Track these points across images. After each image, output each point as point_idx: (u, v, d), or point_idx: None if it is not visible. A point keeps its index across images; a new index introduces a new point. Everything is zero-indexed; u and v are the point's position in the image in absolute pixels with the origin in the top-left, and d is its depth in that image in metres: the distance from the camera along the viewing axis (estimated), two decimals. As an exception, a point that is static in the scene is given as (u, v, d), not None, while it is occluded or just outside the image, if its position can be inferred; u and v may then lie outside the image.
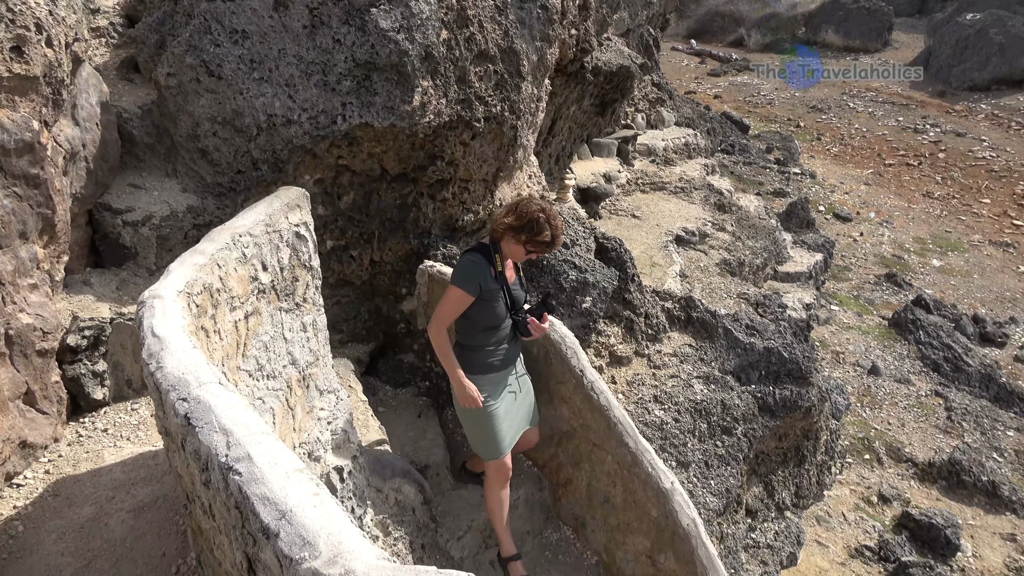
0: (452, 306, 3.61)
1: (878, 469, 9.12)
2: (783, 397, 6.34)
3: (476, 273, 3.57)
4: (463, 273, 3.57)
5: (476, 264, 3.57)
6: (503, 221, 3.55)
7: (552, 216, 3.54)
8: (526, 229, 3.51)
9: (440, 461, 5.05)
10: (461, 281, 3.57)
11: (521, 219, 3.51)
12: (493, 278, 3.62)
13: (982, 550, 8.25)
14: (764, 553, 6.19)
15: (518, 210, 3.54)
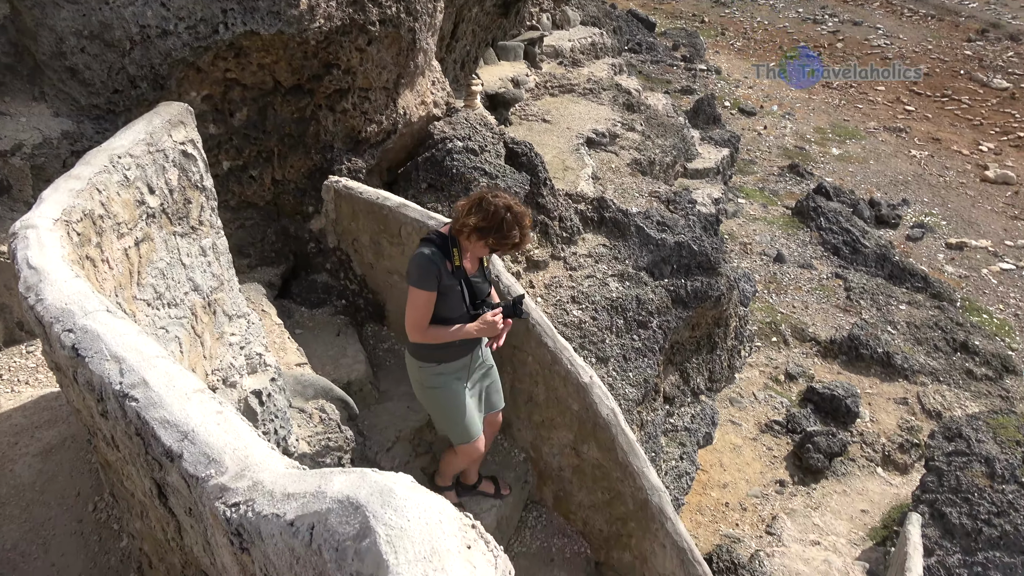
0: (421, 309, 3.34)
1: (784, 350, 9.68)
2: (694, 289, 6.56)
3: (431, 270, 3.28)
4: (419, 273, 3.28)
5: (430, 260, 3.28)
6: (467, 221, 3.23)
7: (520, 214, 3.24)
8: (494, 231, 3.20)
9: (363, 377, 5.04)
10: (419, 282, 3.29)
11: (487, 220, 3.19)
12: (450, 273, 3.33)
13: (878, 415, 8.97)
14: (682, 435, 6.54)
15: (483, 208, 3.20)
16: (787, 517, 7.56)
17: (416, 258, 3.30)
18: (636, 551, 4.44)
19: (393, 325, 5.46)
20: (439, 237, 3.37)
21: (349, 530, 1.10)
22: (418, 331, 3.37)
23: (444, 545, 1.04)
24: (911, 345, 9.89)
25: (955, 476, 6.85)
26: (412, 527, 1.06)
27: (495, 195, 3.25)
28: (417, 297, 3.30)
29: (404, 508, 1.09)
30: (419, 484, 1.19)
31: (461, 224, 3.25)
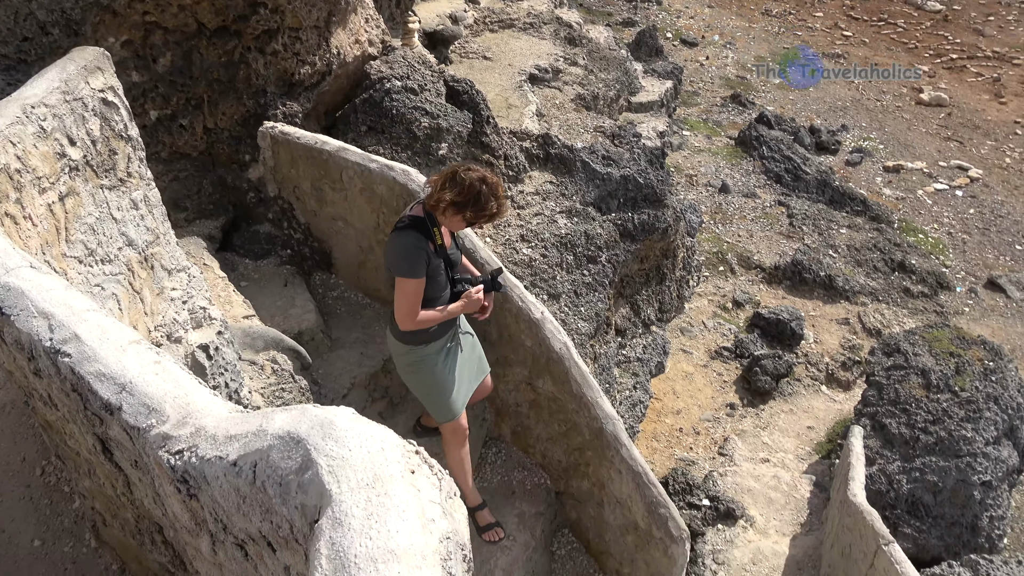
0: (412, 297, 3.27)
1: (731, 278, 9.90)
2: (641, 221, 6.60)
3: (420, 256, 3.22)
4: (407, 261, 3.21)
5: (417, 246, 3.21)
6: (443, 197, 3.16)
7: (494, 185, 3.21)
8: (471, 204, 3.16)
9: (314, 326, 4.98)
10: (407, 270, 3.22)
11: (463, 194, 3.14)
12: (434, 253, 3.29)
13: (821, 335, 9.30)
14: (635, 366, 6.68)
15: (457, 182, 3.15)
16: (738, 438, 7.85)
17: (401, 247, 3.20)
18: (594, 478, 4.56)
19: (341, 272, 5.39)
20: (414, 220, 3.27)
21: (291, 464, 1.10)
22: (411, 319, 3.30)
23: (387, 471, 1.05)
24: (851, 267, 10.20)
25: (894, 389, 7.17)
26: (354, 456, 1.06)
27: (467, 168, 3.20)
28: (407, 286, 3.22)
29: (345, 438, 1.09)
30: (361, 416, 1.19)
31: (436, 199, 3.17)
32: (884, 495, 6.59)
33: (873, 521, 5.22)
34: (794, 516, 6.94)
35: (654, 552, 4.30)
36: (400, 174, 4.63)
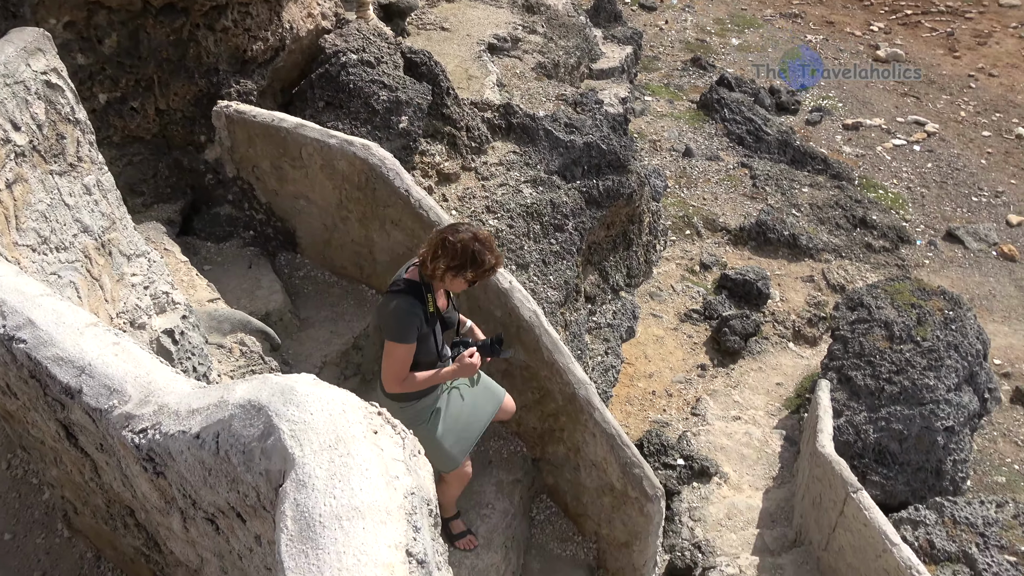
0: (401, 362, 3.21)
1: (698, 241, 9.99)
2: (606, 188, 6.62)
3: (413, 322, 3.16)
4: (399, 327, 3.14)
5: (411, 312, 3.15)
6: (437, 266, 3.10)
7: (486, 239, 3.17)
8: (468, 265, 3.11)
9: (281, 306, 4.94)
10: (400, 336, 3.15)
11: (458, 257, 3.08)
12: (426, 320, 3.22)
13: (787, 293, 9.45)
14: (605, 332, 6.74)
15: (448, 248, 3.08)
16: (710, 398, 7.99)
17: (394, 311, 3.15)
18: (569, 443, 4.62)
19: (306, 251, 5.33)
20: (408, 285, 3.21)
21: (253, 431, 1.10)
22: (397, 383, 3.25)
23: (349, 432, 1.05)
24: (814, 225, 10.35)
25: (858, 342, 7.34)
26: (315, 419, 1.06)
27: (454, 231, 3.14)
28: (397, 350, 3.17)
29: (306, 403, 1.09)
30: (322, 381, 1.19)
31: (432, 270, 3.13)
32: (852, 445, 6.77)
33: (842, 470, 5.37)
34: (766, 470, 7.11)
35: (630, 511, 4.38)
36: (360, 149, 4.58)
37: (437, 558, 1.08)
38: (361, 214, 4.83)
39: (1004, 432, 8.18)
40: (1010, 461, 7.87)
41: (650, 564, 4.58)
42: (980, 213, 11.50)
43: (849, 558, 5.11)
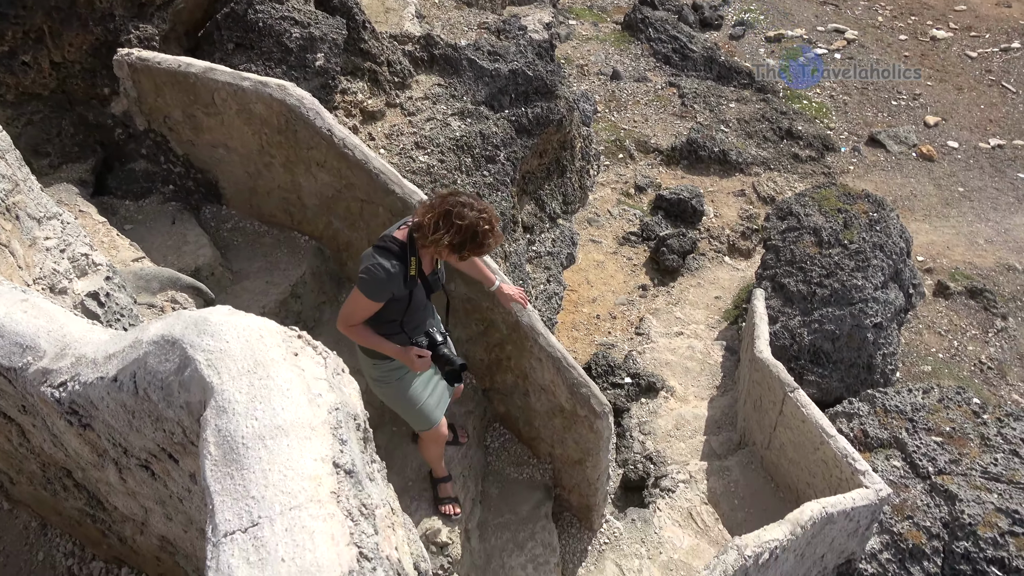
0: (359, 311, 3.11)
1: (631, 164, 10.04)
2: (535, 115, 6.56)
3: (386, 286, 3.03)
4: (371, 284, 3.02)
5: (389, 275, 3.01)
6: (439, 240, 2.94)
7: (490, 216, 2.99)
8: (468, 243, 2.96)
9: (211, 261, 4.80)
10: (367, 292, 3.03)
11: (461, 234, 2.92)
12: (405, 282, 3.08)
13: (721, 209, 9.63)
14: (546, 260, 6.78)
15: (454, 224, 2.90)
16: (652, 317, 8.17)
17: (373, 268, 3.01)
18: (516, 370, 4.68)
19: (232, 202, 5.16)
20: (397, 244, 3.06)
21: (170, 366, 1.07)
22: (345, 325, 3.17)
23: (267, 356, 1.04)
24: (743, 140, 10.50)
25: (789, 250, 7.56)
26: (232, 347, 1.04)
27: (460, 204, 2.96)
28: (360, 300, 3.08)
29: (221, 332, 1.06)
30: (239, 311, 1.17)
31: (431, 242, 2.97)
32: (788, 349, 7.05)
33: (779, 373, 5.59)
34: (710, 381, 7.36)
35: (581, 429, 4.50)
36: (276, 90, 4.40)
37: (368, 469, 1.09)
38: (284, 159, 4.68)
39: (928, 324, 8.63)
40: (935, 351, 8.33)
41: (603, 478, 4.74)
42: (900, 116, 11.82)
43: (790, 454, 5.38)
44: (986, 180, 10.82)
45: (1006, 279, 9.15)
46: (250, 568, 0.88)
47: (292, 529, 0.91)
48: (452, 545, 4.24)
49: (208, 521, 0.94)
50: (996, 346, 8.34)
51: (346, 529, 0.95)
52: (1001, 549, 4.71)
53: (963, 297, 8.83)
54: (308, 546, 0.91)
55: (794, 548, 4.14)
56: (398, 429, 4.73)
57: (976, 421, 5.71)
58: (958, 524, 4.87)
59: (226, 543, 0.91)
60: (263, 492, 0.93)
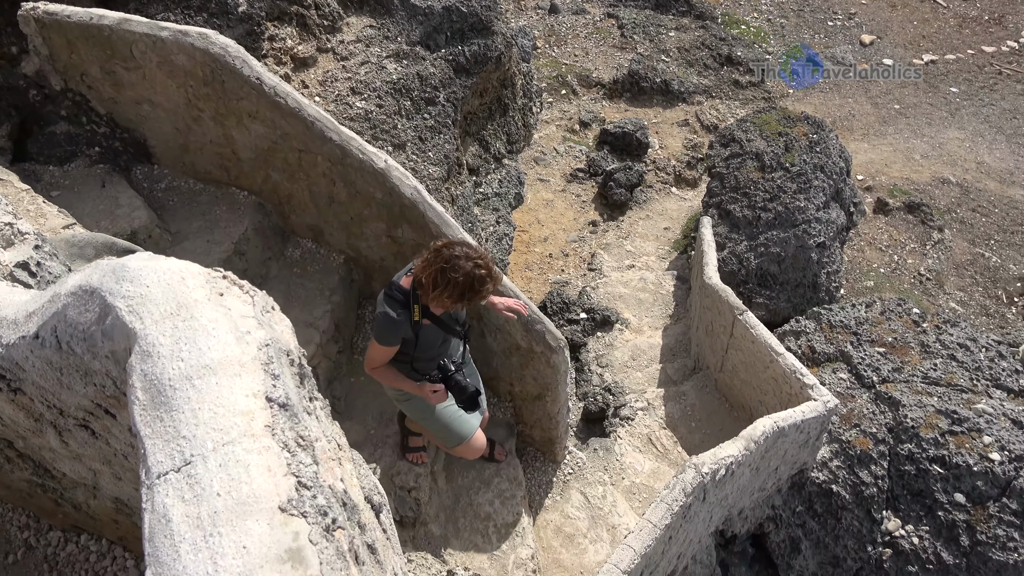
0: (378, 355, 3.37)
1: (574, 100, 9.95)
2: (473, 53, 6.41)
3: (396, 332, 3.25)
4: (381, 333, 3.28)
5: (395, 324, 3.21)
6: (441, 297, 3.06)
7: (485, 262, 3.09)
8: (467, 292, 3.07)
9: (147, 223, 4.63)
10: (379, 339, 3.30)
11: (459, 288, 3.03)
12: (412, 326, 3.27)
13: (665, 140, 9.65)
14: (494, 201, 6.74)
15: (449, 279, 3.01)
16: (604, 252, 8.24)
17: (380, 318, 3.24)
18: (471, 312, 4.68)
19: (163, 160, 4.97)
20: (402, 293, 3.24)
21: (90, 316, 1.03)
22: (369, 368, 3.44)
23: (191, 297, 1.01)
24: (684, 68, 10.47)
25: (733, 176, 7.66)
26: (153, 291, 1.01)
27: (453, 256, 3.05)
28: (375, 348, 3.34)
29: (141, 277, 1.03)
30: (159, 255, 1.13)
31: (433, 299, 3.11)
32: (736, 273, 7.21)
33: (728, 297, 5.71)
34: (663, 310, 7.50)
35: (538, 365, 4.55)
36: (198, 39, 4.20)
37: (305, 404, 1.08)
38: (214, 111, 4.50)
39: (870, 241, 8.88)
40: (876, 266, 8.60)
41: (564, 411, 4.83)
42: (836, 37, 11.90)
43: (742, 374, 5.55)
44: (920, 96, 11.04)
45: (941, 192, 9.44)
46: (186, 505, 0.87)
47: (226, 464, 0.90)
48: (419, 488, 4.30)
49: (141, 466, 0.92)
50: (933, 257, 8.65)
51: (282, 460, 0.95)
52: (942, 448, 4.97)
53: (902, 212, 9.09)
54: (244, 479, 0.91)
55: (749, 462, 4.29)
56: (356, 380, 4.72)
57: (916, 330, 5.95)
58: (902, 428, 5.11)
59: (160, 484, 0.90)
60: (194, 431, 0.92)
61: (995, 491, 4.81)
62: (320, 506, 0.95)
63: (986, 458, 4.84)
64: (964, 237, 8.90)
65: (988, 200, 9.37)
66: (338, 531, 0.94)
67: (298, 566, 0.87)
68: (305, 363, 1.16)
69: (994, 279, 8.48)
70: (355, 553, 0.97)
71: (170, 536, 0.86)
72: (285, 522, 0.90)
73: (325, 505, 0.95)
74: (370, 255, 4.79)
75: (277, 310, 1.13)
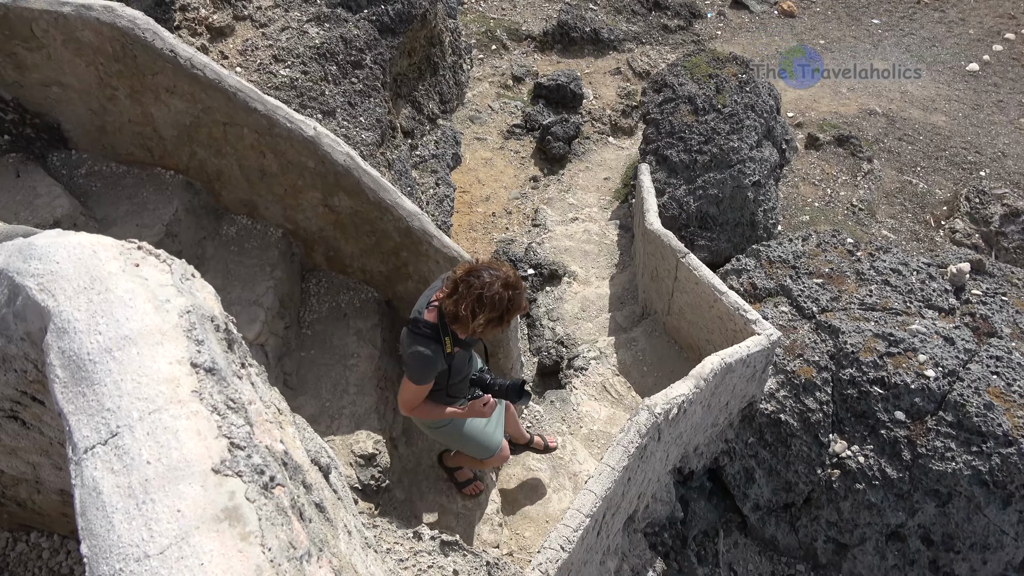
0: (415, 397, 3.37)
1: (506, 55, 9.83)
2: (397, 12, 6.26)
3: (431, 369, 3.25)
4: (417, 372, 3.25)
5: (432, 361, 3.20)
6: (478, 323, 3.03)
7: (516, 280, 3.10)
8: (506, 312, 3.07)
9: (71, 211, 4.44)
10: (416, 379, 3.28)
11: (495, 309, 3.03)
12: (444, 359, 3.27)
13: (599, 90, 9.64)
14: (431, 163, 6.66)
15: (486, 303, 3.01)
16: (546, 206, 8.25)
17: (414, 356, 3.20)
18: (416, 276, 4.67)
19: (80, 144, 4.76)
20: (430, 328, 3.20)
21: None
22: (407, 410, 3.45)
23: (104, 270, 0.97)
24: (612, 16, 10.42)
25: (668, 122, 7.71)
26: (64, 267, 0.97)
27: (483, 283, 3.04)
28: (411, 387, 3.33)
29: (50, 254, 0.98)
30: (70, 232, 1.08)
31: (474, 329, 3.08)
32: (677, 218, 7.31)
33: (670, 241, 5.80)
34: (608, 260, 7.58)
35: (488, 323, 4.56)
36: (103, 12, 4.00)
37: (235, 368, 1.06)
38: (129, 89, 4.31)
39: (803, 176, 9.09)
40: (811, 200, 8.83)
41: (516, 366, 4.88)
42: (760, -24, 11.96)
43: (688, 316, 5.67)
44: (844, 30, 11.23)
45: (868, 123, 9.69)
46: (115, 476, 0.86)
47: (154, 432, 0.89)
48: (380, 455, 4.31)
49: (68, 444, 0.89)
50: (865, 188, 8.91)
51: (212, 423, 0.93)
52: (881, 370, 5.19)
53: (832, 146, 9.31)
54: (173, 445, 0.90)
55: (700, 400, 4.42)
56: (306, 354, 4.67)
57: (851, 259, 6.15)
58: (843, 354, 5.31)
59: (88, 458, 0.88)
60: (118, 403, 0.89)
61: (932, 406, 5.05)
62: (256, 465, 0.94)
63: (922, 375, 5.07)
64: (892, 166, 9.18)
65: (913, 128, 9.66)
66: (277, 488, 0.93)
67: (236, 523, 0.87)
68: (233, 328, 1.13)
69: (922, 204, 8.80)
70: (299, 510, 0.96)
71: (102, 508, 0.85)
72: (220, 483, 0.90)
73: (261, 464, 0.94)
74: (308, 226, 4.70)
75: (198, 277, 1.10)
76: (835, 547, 5.41)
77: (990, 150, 9.41)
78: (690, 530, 5.34)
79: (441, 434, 3.86)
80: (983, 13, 11.82)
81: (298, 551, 0.91)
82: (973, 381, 5.03)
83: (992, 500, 4.87)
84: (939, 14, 11.78)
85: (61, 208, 4.46)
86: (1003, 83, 10.55)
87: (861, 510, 5.14)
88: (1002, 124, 9.84)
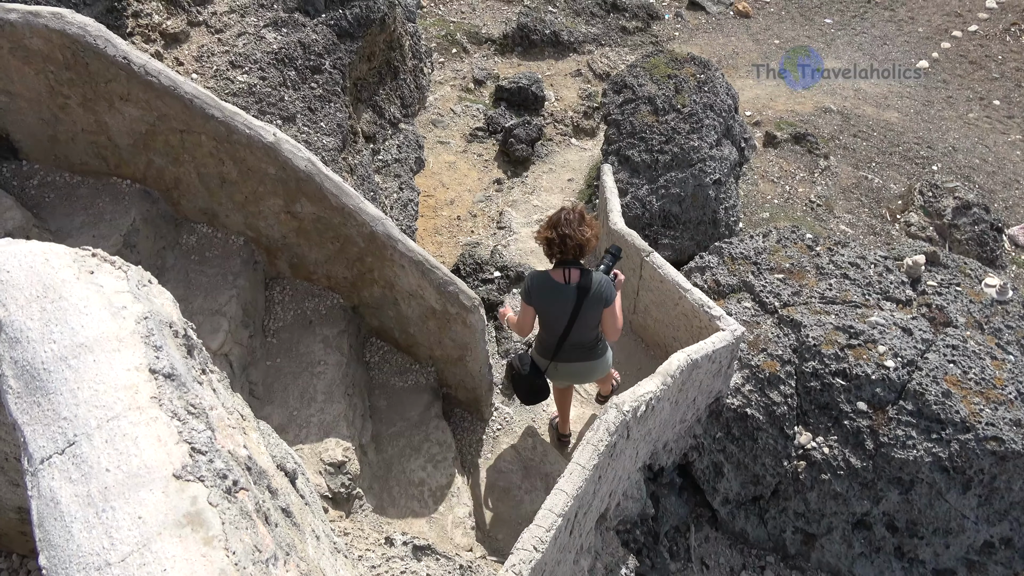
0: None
1: (466, 58, 9.83)
2: (355, 16, 6.22)
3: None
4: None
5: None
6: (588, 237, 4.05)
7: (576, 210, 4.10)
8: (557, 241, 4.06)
9: (23, 223, 4.32)
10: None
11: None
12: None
13: (561, 92, 9.69)
14: (395, 168, 6.62)
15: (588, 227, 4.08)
16: (511, 208, 8.27)
17: (607, 283, 4.16)
18: (381, 281, 4.64)
19: (32, 155, 4.64)
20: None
21: (-53, 310, 0.96)
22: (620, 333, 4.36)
23: (57, 278, 0.95)
24: (571, 18, 10.49)
25: (629, 122, 7.78)
26: (15, 275, 0.94)
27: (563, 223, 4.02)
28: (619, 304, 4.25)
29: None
30: (18, 239, 1.06)
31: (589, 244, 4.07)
32: (641, 217, 7.38)
33: (634, 240, 5.85)
34: (574, 260, 7.59)
35: (455, 327, 4.56)
36: (52, 19, 3.91)
37: (195, 374, 1.04)
38: (81, 97, 4.22)
39: (762, 174, 9.25)
40: (770, 197, 8.98)
41: (485, 368, 4.87)
42: (715, -22, 12.14)
43: (654, 313, 5.73)
44: (798, 30, 11.46)
45: (824, 121, 9.89)
46: (74, 485, 0.84)
47: (113, 439, 0.87)
48: (349, 462, 4.27)
49: (23, 455, 0.87)
50: (822, 184, 9.10)
51: (172, 429, 0.92)
52: (842, 362, 5.29)
53: (790, 144, 9.48)
54: (133, 451, 0.88)
55: (668, 396, 4.46)
56: (272, 363, 4.61)
57: (811, 254, 6.27)
58: (805, 347, 5.41)
59: (44, 468, 0.85)
60: (75, 411, 0.87)
61: (892, 395, 5.17)
62: (218, 469, 0.92)
63: (882, 366, 5.19)
64: (848, 162, 9.38)
65: (867, 125, 9.89)
66: (241, 492, 0.92)
67: (199, 528, 0.85)
68: (193, 335, 1.12)
69: (877, 199, 9.01)
70: (264, 515, 0.95)
71: (60, 518, 0.83)
72: (181, 488, 0.88)
73: (224, 468, 0.93)
74: (271, 233, 4.65)
75: (155, 283, 1.08)
76: (803, 537, 5.50)
77: (941, 145, 9.68)
78: (662, 526, 5.39)
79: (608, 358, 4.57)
80: (931, 12, 12.16)
81: (264, 555, 0.89)
82: (931, 370, 5.16)
83: (952, 486, 5.00)
84: (889, 13, 12.08)
85: (13, 220, 4.34)
86: (951, 79, 10.87)
87: (827, 500, 5.24)
88: (952, 119, 10.13)
